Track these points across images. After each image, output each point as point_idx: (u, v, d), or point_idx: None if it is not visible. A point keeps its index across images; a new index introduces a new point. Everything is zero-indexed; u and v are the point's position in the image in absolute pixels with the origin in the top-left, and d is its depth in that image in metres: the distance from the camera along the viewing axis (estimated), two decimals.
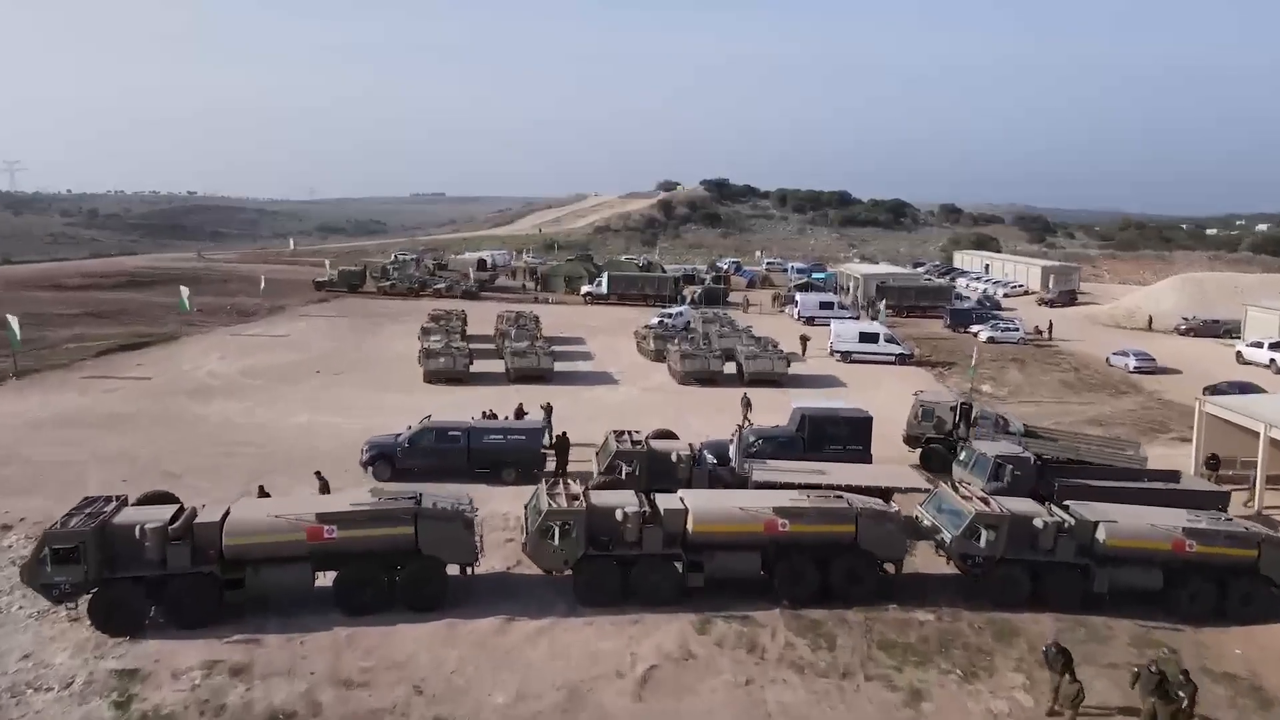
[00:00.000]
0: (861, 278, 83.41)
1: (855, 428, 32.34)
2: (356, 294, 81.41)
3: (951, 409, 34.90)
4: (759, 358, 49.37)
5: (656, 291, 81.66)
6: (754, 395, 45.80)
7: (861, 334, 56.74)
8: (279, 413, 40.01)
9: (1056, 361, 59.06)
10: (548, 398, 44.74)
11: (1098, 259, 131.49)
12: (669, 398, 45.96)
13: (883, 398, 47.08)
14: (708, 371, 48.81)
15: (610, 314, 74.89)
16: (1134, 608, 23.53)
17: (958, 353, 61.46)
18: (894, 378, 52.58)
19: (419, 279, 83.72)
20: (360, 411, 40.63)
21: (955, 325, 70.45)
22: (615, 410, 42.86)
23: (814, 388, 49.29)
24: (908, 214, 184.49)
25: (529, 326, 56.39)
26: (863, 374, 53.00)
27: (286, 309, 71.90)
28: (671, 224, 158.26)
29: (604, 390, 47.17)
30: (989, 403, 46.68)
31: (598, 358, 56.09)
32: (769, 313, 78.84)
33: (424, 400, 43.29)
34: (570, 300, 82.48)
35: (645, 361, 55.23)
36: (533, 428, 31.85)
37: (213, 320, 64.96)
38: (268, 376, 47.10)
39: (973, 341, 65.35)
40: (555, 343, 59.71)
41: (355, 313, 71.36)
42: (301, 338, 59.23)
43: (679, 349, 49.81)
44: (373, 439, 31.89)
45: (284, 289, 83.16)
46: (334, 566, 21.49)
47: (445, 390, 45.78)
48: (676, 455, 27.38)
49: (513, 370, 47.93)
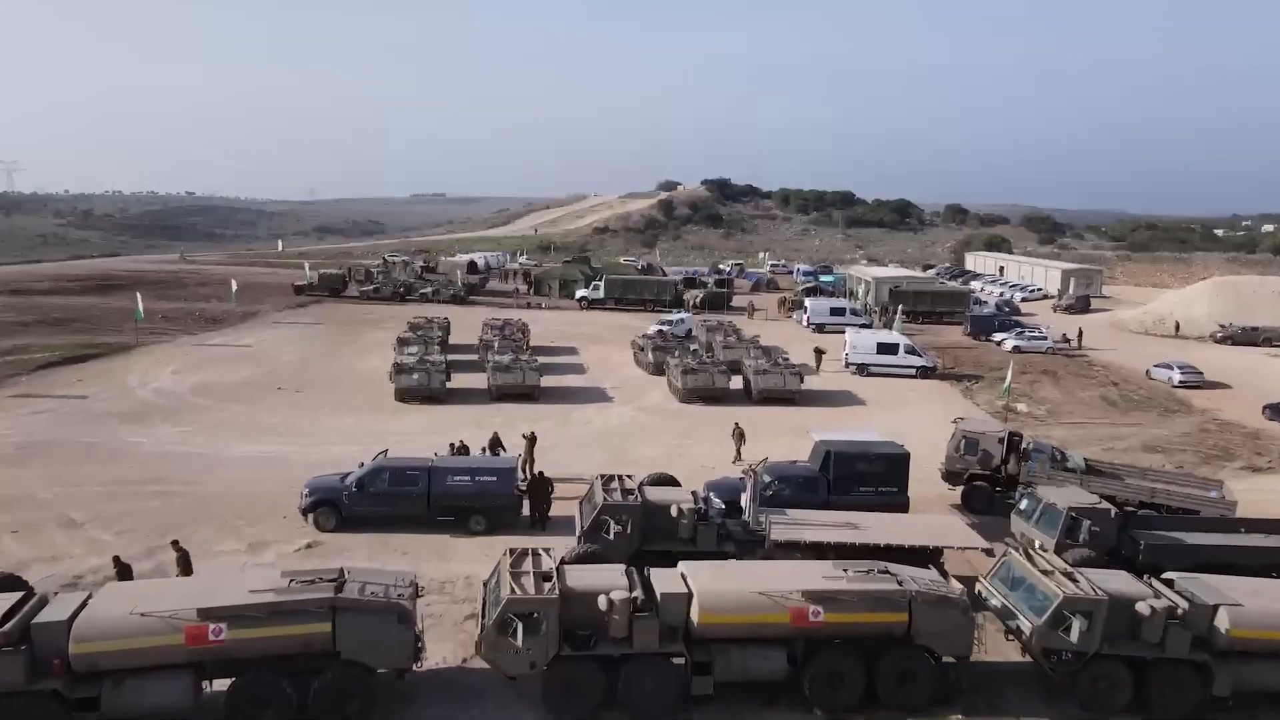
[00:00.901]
0: (873, 281, 78.03)
1: (890, 466, 27.00)
2: (338, 299, 76.05)
3: (999, 440, 29.56)
4: (769, 373, 44.05)
5: (656, 296, 76.36)
6: (761, 416, 40.60)
7: (879, 344, 51.39)
8: (222, 440, 34.68)
9: (1091, 374, 53.71)
10: (534, 418, 39.69)
11: (1112, 261, 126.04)
12: (669, 420, 40.64)
13: (908, 419, 41.83)
14: (712, 389, 43.51)
15: (607, 320, 69.59)
16: (1269, 715, 18.26)
17: (983, 364, 56.21)
18: (917, 394, 47.24)
19: (404, 283, 78.36)
20: (316, 438, 35.35)
21: (976, 333, 65.15)
22: (608, 436, 37.57)
23: (829, 406, 44.01)
24: (913, 214, 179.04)
25: (515, 337, 51.06)
26: (882, 390, 47.66)
27: (260, 315, 66.56)
28: (672, 225, 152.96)
29: (596, 410, 41.85)
30: (1025, 424, 41.44)
31: (591, 371, 50.80)
32: (775, 319, 73.55)
33: (392, 424, 38.03)
34: (565, 305, 77.18)
35: (643, 375, 49.95)
36: (505, 467, 26.49)
37: (177, 328, 59.64)
38: (219, 395, 41.77)
39: (997, 352, 60.19)
40: (545, 353, 54.50)
41: (333, 319, 66.04)
42: (268, 348, 53.91)
43: (680, 363, 44.49)
44: (314, 481, 26.56)
45: (262, 293, 77.84)
46: (226, 674, 16.19)
47: (418, 411, 40.50)
48: (677, 509, 22.05)
49: (494, 388, 42.65)
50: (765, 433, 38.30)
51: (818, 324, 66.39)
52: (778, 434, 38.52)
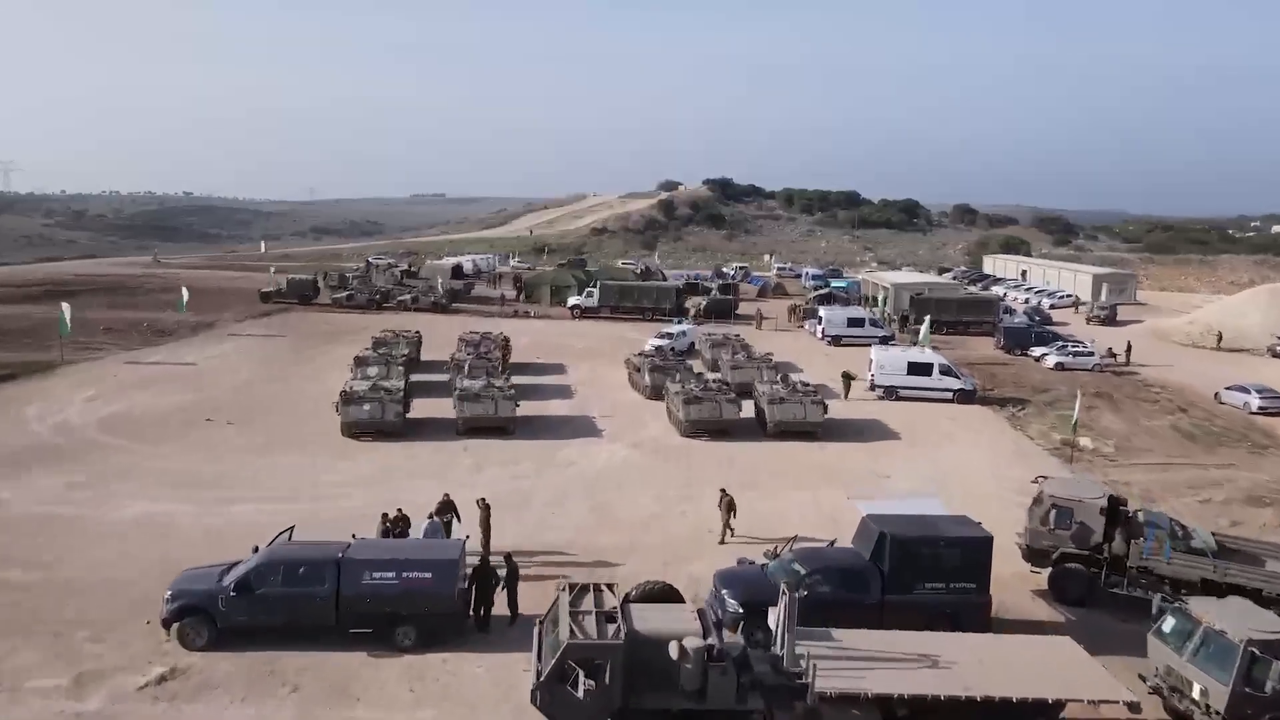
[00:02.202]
0: (892, 288, 70.68)
1: (968, 554, 19.81)
2: (308, 307, 68.81)
3: (1100, 510, 22.29)
4: (786, 402, 36.80)
5: (655, 303, 69.04)
6: (775, 457, 33.42)
7: (910, 364, 44.11)
8: (110, 496, 27.49)
9: (1152, 398, 46.43)
10: (507, 458, 32.62)
11: (1135, 264, 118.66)
12: (668, 460, 33.42)
13: (954, 458, 34.59)
14: (719, 420, 36.30)
15: (601, 331, 62.34)
16: None
17: (1023, 383, 48.97)
18: (958, 424, 40.00)
19: (380, 289, 71.09)
20: (229, 491, 28.18)
21: (1010, 346, 57.85)
22: (593, 484, 30.36)
23: (857, 440, 36.80)
24: (920, 215, 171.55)
25: (490, 355, 43.77)
26: (916, 418, 40.43)
27: (216, 326, 59.34)
28: (673, 225, 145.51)
29: (582, 448, 34.62)
30: (1095, 466, 34.24)
31: (579, 394, 43.58)
32: (785, 328, 66.30)
33: (330, 469, 30.85)
34: (556, 314, 69.90)
35: (639, 399, 42.76)
36: (444, 558, 19.23)
37: (118, 342, 52.43)
38: (133, 430, 34.58)
39: (1036, 369, 52.97)
40: (529, 371, 47.38)
41: (297, 331, 58.81)
42: (213, 368, 46.72)
43: (681, 390, 37.26)
44: (183, 580, 19.32)
45: (227, 300, 70.67)
46: None
47: (368, 450, 33.32)
48: (679, 648, 14.79)
49: (461, 421, 35.45)
50: (781, 483, 31.12)
51: (834, 336, 59.17)
52: (798, 481, 31.35)
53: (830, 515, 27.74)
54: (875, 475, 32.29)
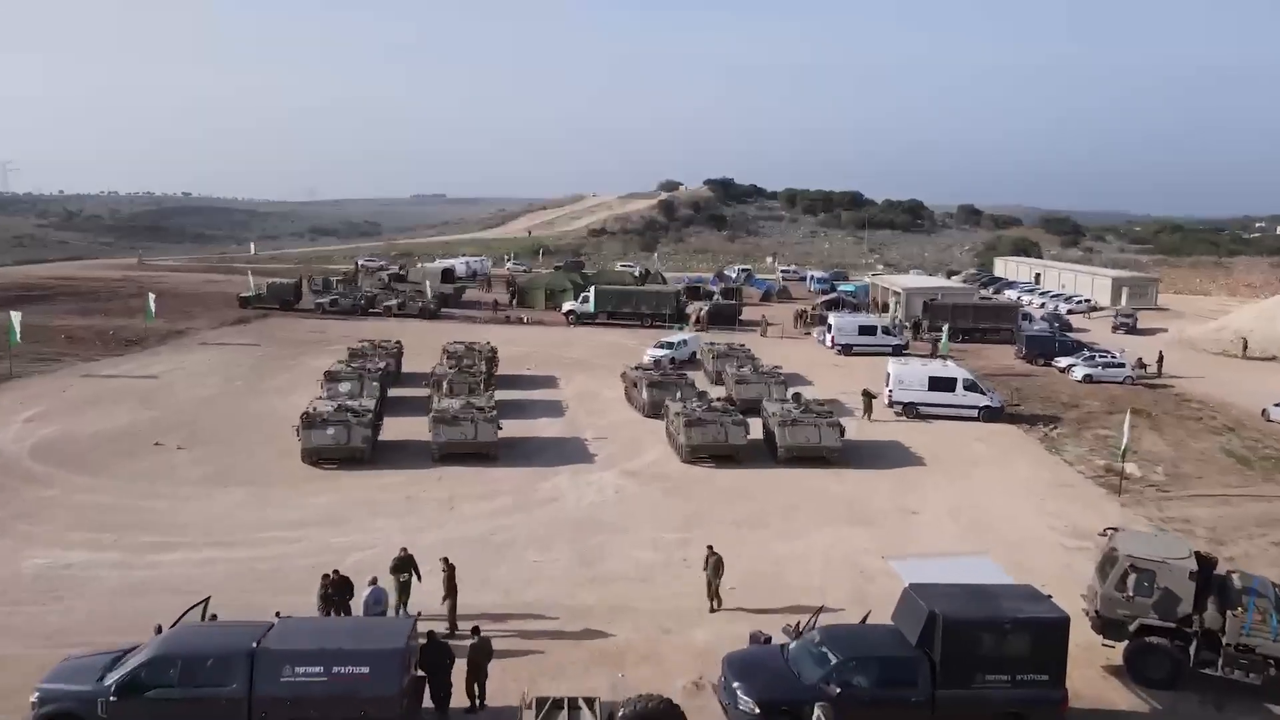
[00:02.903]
0: (904, 293, 66.69)
1: (1039, 639, 15.91)
2: (289, 312, 64.97)
3: (1189, 574, 18.32)
4: (799, 424, 32.86)
5: (654, 309, 65.13)
6: (785, 486, 29.47)
7: (932, 379, 40.15)
8: (15, 543, 23.57)
9: (1193, 415, 42.48)
10: (486, 489, 28.77)
11: (1148, 266, 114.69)
12: (667, 493, 29.49)
13: (987, 488, 30.63)
14: (724, 445, 32.37)
15: (597, 340, 58.45)
16: None
17: (1051, 398, 45.06)
18: (988, 446, 36.05)
19: (365, 294, 67.20)
20: (160, 535, 24.29)
21: (1032, 356, 53.89)
22: (581, 524, 26.43)
23: (878, 467, 32.85)
24: (925, 215, 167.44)
25: (474, 370, 39.82)
26: (940, 440, 36.51)
27: (188, 334, 55.47)
28: (673, 226, 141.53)
29: (571, 477, 30.70)
30: (1144, 499, 30.35)
31: (571, 412, 39.68)
32: (792, 336, 62.41)
33: (283, 506, 26.94)
34: (551, 320, 65.99)
35: (636, 417, 38.89)
36: (385, 647, 15.21)
37: (79, 352, 48.56)
38: (67, 456, 30.67)
39: (1063, 381, 49.04)
40: (518, 385, 43.56)
41: (275, 339, 54.94)
42: (176, 381, 42.85)
43: (682, 410, 33.34)
44: (57, 675, 15.32)
45: (205, 305, 66.90)
46: None
47: (329, 480, 29.43)
48: None
49: (436, 446, 31.53)
50: (796, 521, 27.17)
51: (844, 345, 55.22)
52: (815, 518, 27.43)
53: (856, 566, 23.85)
54: (902, 511, 28.37)
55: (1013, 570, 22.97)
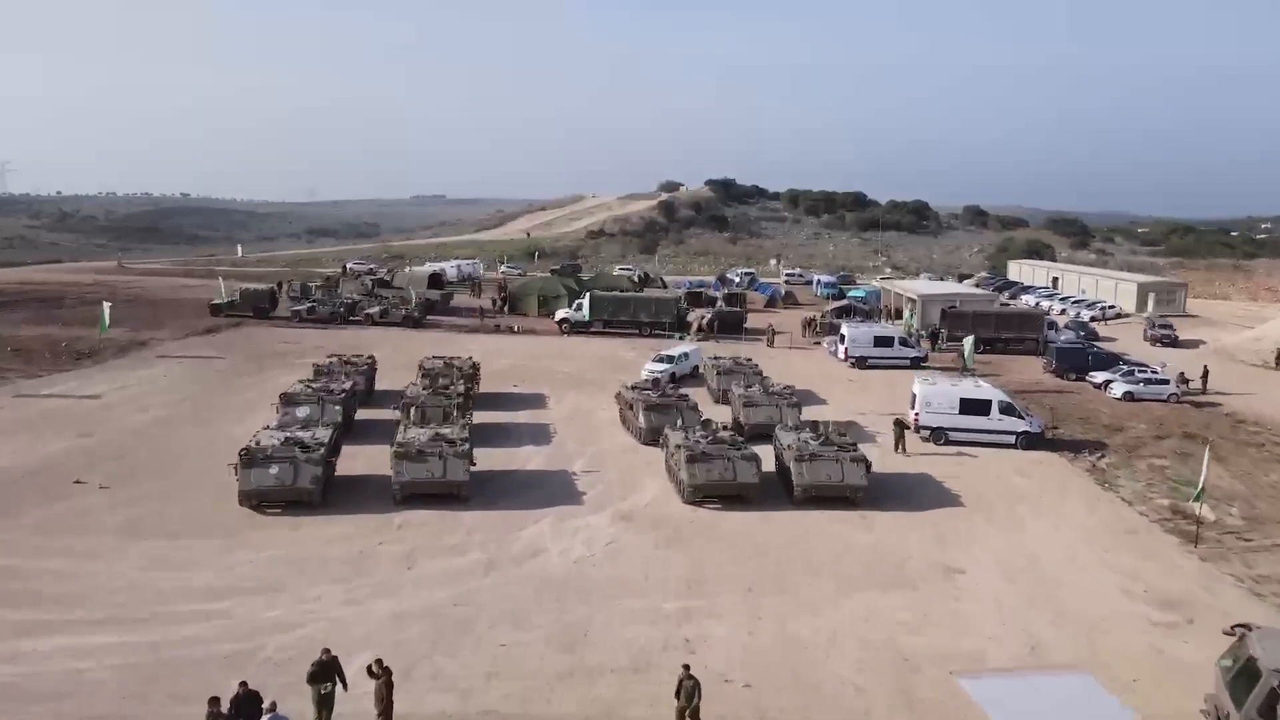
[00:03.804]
0: (919, 299, 62.03)
1: None
2: (264, 321, 60.31)
3: None
4: (818, 458, 28.22)
5: (654, 317, 60.51)
6: (800, 537, 24.77)
7: (964, 402, 35.50)
8: None
9: (1253, 439, 37.87)
10: (456, 540, 24.02)
11: (1163, 269, 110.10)
12: (667, 546, 24.85)
13: (1044, 543, 25.80)
14: (732, 484, 27.78)
15: (592, 350, 53.84)
16: None
17: (1090, 418, 40.49)
18: (1031, 481, 31.40)
19: (344, 301, 62.53)
20: (48, 609, 19.70)
21: (1063, 370, 49.22)
22: (561, 592, 21.78)
23: (909, 509, 28.25)
24: (930, 216, 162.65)
25: (449, 391, 35.12)
26: (978, 473, 31.91)
27: (149, 346, 50.81)
28: (674, 228, 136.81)
29: (554, 524, 26.09)
30: (1224, 545, 25.74)
31: (559, 438, 35.07)
32: (800, 346, 57.80)
33: (204, 567, 22.29)
34: (543, 328, 61.36)
35: (631, 444, 34.36)
36: None
37: (23, 367, 43.92)
38: None
39: (1099, 398, 44.44)
40: (503, 405, 39.07)
41: (243, 351, 50.30)
42: (121, 402, 38.26)
43: (684, 443, 28.72)
44: None
45: (176, 312, 62.25)
46: None
47: (269, 530, 24.86)
48: None
49: (398, 487, 26.93)
50: (819, 585, 22.47)
51: (858, 357, 50.61)
52: (842, 580, 22.72)
53: (898, 652, 19.23)
54: (945, 570, 23.76)
55: (1095, 662, 18.37)
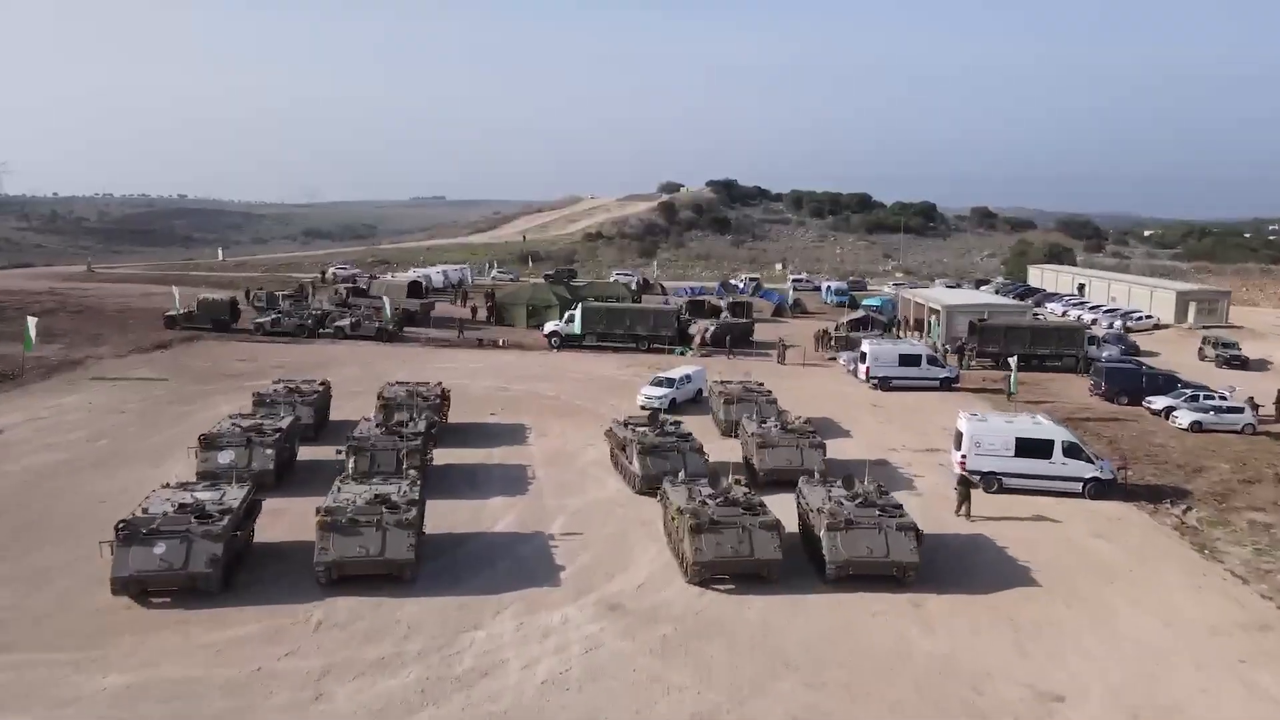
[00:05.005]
0: (944, 310, 55.87)
1: None
2: (223, 334, 54.28)
3: None
4: (858, 527, 22.11)
5: (652, 330, 54.51)
6: (841, 630, 18.50)
7: (1021, 442, 29.35)
8: None
9: None
10: (382, 651, 17.68)
11: (1188, 273, 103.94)
12: (665, 662, 18.69)
13: (1155, 648, 19.27)
14: (749, 561, 21.68)
15: (583, 370, 47.81)
16: None
17: (1159, 457, 34.42)
18: (1119, 549, 25.22)
19: (310, 313, 56.47)
20: None
21: (1114, 393, 43.10)
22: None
23: (966, 589, 22.17)
24: (938, 218, 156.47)
25: (410, 425, 28.99)
26: (1050, 539, 25.80)
27: (85, 364, 44.82)
28: (675, 230, 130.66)
29: (518, 619, 19.97)
30: None
31: (537, 484, 29.00)
32: (814, 362, 51.79)
33: (44, 692, 16.09)
34: (532, 342, 55.32)
35: (623, 493, 28.31)
36: None
37: None
38: None
39: (1160, 426, 38.39)
40: (474, 439, 33.08)
41: (191, 372, 44.28)
42: (20, 440, 32.20)
43: (687, 505, 22.60)
44: None
45: (127, 324, 56.26)
46: None
47: (145, 633, 18.78)
48: None
49: (321, 569, 20.83)
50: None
51: (881, 378, 44.56)
52: (903, 716, 16.54)
53: None
54: (1039, 697, 17.62)
55: None
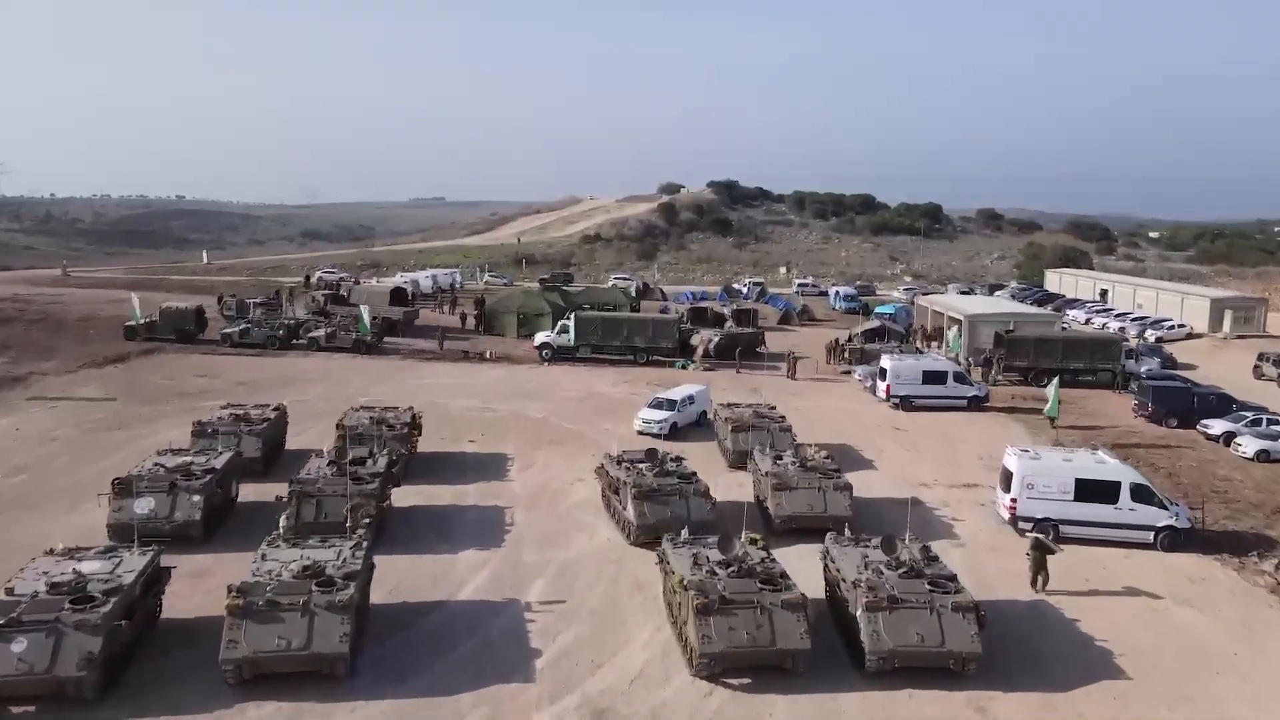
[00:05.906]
0: (966, 320, 51.32)
1: None
2: (187, 345, 49.78)
3: None
4: (904, 606, 17.62)
5: (651, 341, 50.01)
6: None
7: (1082, 484, 24.86)
8: None
9: None
10: None
11: (1207, 276, 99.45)
12: None
13: None
14: (769, 651, 17.18)
15: (577, 385, 43.33)
16: None
17: (1228, 493, 29.92)
18: (1212, 621, 20.69)
19: (282, 323, 51.95)
20: None
21: (1163, 415, 38.59)
22: None
23: (1038, 685, 17.69)
24: (944, 220, 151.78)
25: (369, 462, 24.49)
26: (1127, 611, 21.35)
27: (26, 381, 40.39)
28: (675, 232, 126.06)
29: None
30: None
31: (515, 532, 24.53)
32: (825, 376, 47.36)
33: None
34: (522, 354, 50.81)
35: (614, 542, 23.85)
36: None
37: None
38: None
39: (1220, 455, 33.90)
40: (447, 473, 28.60)
41: (143, 391, 39.80)
42: None
43: (693, 579, 18.09)
44: None
45: (83, 335, 51.81)
46: None
47: None
48: None
49: (230, 668, 16.32)
50: None
51: (903, 396, 40.11)
52: None
53: None
54: None
55: None
